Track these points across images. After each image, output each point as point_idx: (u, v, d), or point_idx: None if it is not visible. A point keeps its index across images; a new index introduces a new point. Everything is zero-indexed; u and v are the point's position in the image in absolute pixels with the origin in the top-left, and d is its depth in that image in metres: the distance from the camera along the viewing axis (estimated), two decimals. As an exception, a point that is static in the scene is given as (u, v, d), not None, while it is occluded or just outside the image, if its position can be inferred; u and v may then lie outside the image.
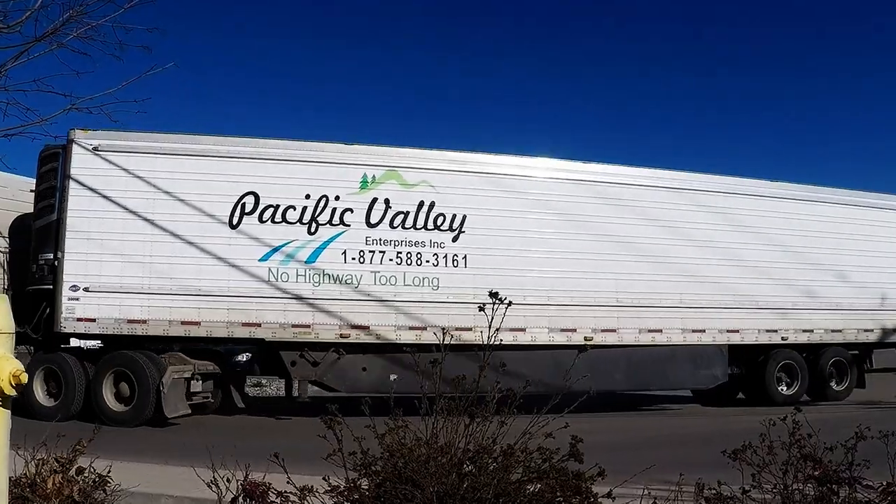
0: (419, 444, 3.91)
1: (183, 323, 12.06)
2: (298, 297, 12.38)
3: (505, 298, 4.28)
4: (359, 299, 12.59)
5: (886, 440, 4.00)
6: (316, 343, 12.46)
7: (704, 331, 14.34)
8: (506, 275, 13.15)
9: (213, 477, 3.98)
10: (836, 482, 3.98)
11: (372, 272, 12.69)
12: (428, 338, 12.79)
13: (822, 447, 4.08)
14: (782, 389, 15.20)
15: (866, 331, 15.77)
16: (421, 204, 13.00)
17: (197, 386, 12.24)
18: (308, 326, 12.39)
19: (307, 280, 12.46)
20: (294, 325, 12.34)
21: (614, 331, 13.74)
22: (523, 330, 13.22)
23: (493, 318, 4.29)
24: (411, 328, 12.77)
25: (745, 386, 15.46)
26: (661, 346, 13.98)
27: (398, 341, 12.71)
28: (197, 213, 12.23)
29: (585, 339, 13.51)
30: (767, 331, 14.85)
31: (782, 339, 14.98)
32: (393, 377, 12.81)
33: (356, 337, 12.55)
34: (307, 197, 12.57)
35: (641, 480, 4.36)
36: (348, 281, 12.59)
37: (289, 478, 3.88)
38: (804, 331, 15.16)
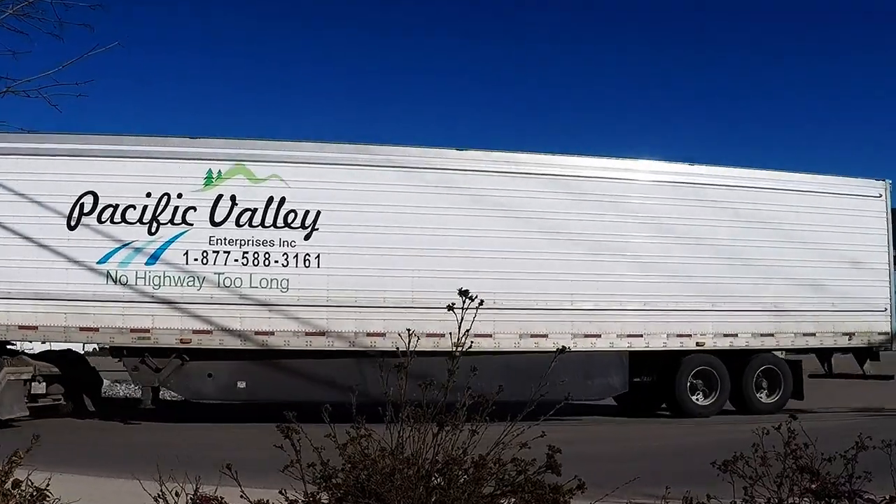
0: (384, 454, 3.64)
1: (20, 327, 11.80)
2: (138, 301, 11.87)
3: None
4: (201, 303, 11.97)
5: (889, 450, 3.74)
6: (158, 348, 11.97)
7: (600, 335, 12.97)
8: (363, 275, 12.30)
9: (161, 490, 3.72)
10: (835, 496, 3.76)
11: (216, 274, 12.04)
12: (276, 343, 12.10)
13: (820, 458, 3.82)
14: (697, 399, 13.62)
15: (806, 335, 13.90)
16: (270, 200, 12.22)
17: (39, 388, 11.98)
18: (147, 331, 11.89)
19: (147, 283, 11.94)
20: (133, 330, 11.86)
21: (490, 336, 12.57)
22: (383, 335, 12.29)
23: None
24: (258, 333, 12.06)
25: (662, 396, 13.96)
26: (546, 352, 12.70)
27: (243, 347, 12.10)
28: (36, 214, 11.89)
29: (454, 345, 12.40)
30: (679, 335, 13.28)
31: (697, 344, 13.37)
32: (241, 384, 12.27)
33: (198, 342, 11.95)
34: (148, 195, 12.02)
35: (624, 494, 4.17)
36: (190, 283, 11.99)
37: (242, 492, 3.59)
38: (725, 335, 13.48)
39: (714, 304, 13.44)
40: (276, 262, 12.17)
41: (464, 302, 3.98)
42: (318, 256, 12.24)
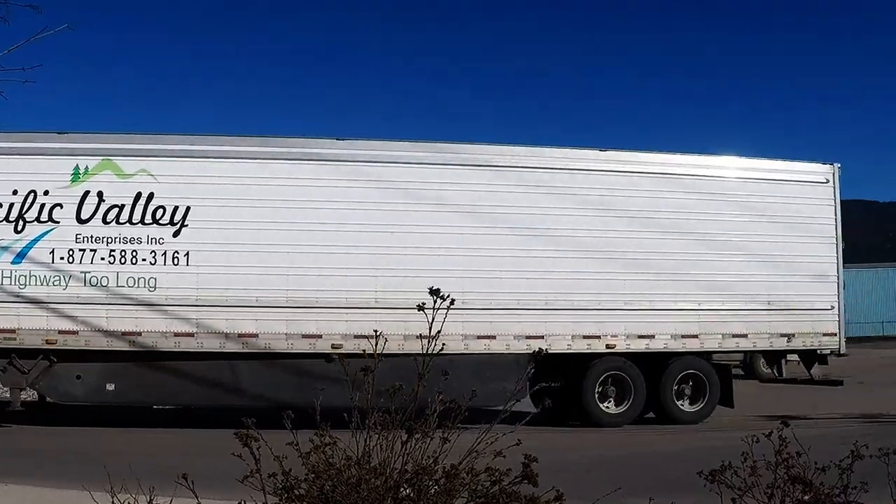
0: (349, 464, 3.49)
1: None
2: (3, 301, 11.53)
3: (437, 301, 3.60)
4: (67, 302, 11.54)
5: (887, 459, 3.65)
6: (25, 349, 11.63)
7: (495, 337, 11.98)
8: (236, 273, 11.69)
9: (112, 502, 3.63)
10: (828, 507, 3.60)
11: (82, 272, 11.60)
12: (144, 343, 11.60)
13: (814, 467, 3.65)
14: (608, 407, 12.44)
15: (736, 336, 12.55)
16: (139, 196, 11.71)
17: None
18: (13, 332, 11.54)
19: (13, 282, 11.58)
20: None
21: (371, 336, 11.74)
22: (255, 336, 11.65)
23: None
24: (125, 334, 11.57)
25: (570, 402, 12.81)
26: (436, 355, 11.77)
27: (110, 348, 11.64)
28: None
29: (333, 346, 11.64)
30: (586, 337, 12.16)
31: (607, 346, 12.22)
32: (110, 386, 11.83)
33: (64, 343, 11.53)
34: (14, 193, 11.66)
35: None
36: (56, 282, 11.59)
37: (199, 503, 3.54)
38: (641, 336, 12.28)
39: (628, 302, 12.26)
40: (144, 260, 11.66)
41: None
42: (188, 254, 11.67)
